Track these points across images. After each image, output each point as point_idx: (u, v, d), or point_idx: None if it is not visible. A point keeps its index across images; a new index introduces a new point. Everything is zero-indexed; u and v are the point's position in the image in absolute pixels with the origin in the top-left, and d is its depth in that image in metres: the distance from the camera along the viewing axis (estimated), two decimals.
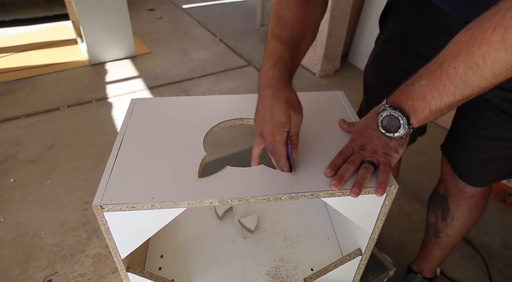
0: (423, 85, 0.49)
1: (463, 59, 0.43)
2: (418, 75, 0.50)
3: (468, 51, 0.43)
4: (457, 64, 0.44)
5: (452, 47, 0.46)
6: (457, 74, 0.44)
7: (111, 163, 0.55)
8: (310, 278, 0.69)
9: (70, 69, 2.27)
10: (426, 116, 0.50)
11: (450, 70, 0.45)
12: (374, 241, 0.63)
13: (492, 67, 0.41)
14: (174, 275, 0.71)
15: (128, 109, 0.69)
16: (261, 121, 0.55)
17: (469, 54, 0.43)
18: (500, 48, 0.40)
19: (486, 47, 0.41)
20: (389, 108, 0.52)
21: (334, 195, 0.52)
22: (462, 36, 0.44)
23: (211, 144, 1.68)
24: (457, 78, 0.45)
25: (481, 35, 0.41)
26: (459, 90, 0.45)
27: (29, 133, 1.71)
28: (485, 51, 0.41)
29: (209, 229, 0.81)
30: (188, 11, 3.35)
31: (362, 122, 0.59)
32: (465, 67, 0.43)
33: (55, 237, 1.22)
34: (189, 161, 0.56)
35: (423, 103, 0.49)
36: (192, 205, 0.50)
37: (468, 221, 0.92)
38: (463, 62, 0.43)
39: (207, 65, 2.40)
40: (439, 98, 0.47)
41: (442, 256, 1.03)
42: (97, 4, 2.13)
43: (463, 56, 0.43)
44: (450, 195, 0.90)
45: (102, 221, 0.50)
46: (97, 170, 1.51)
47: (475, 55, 0.42)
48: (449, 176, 0.88)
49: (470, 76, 0.44)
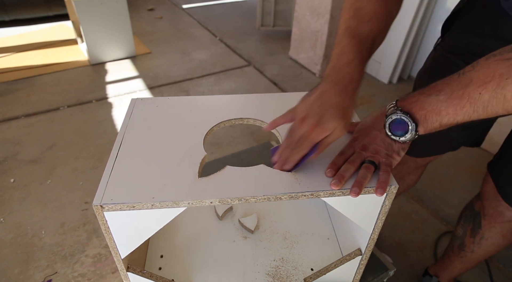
0: (441, 101, 0.48)
1: (492, 89, 0.43)
2: (438, 89, 0.49)
3: (499, 82, 0.42)
4: (484, 92, 0.44)
5: (483, 72, 0.45)
6: (481, 100, 0.44)
7: (111, 163, 0.55)
8: (310, 278, 0.69)
9: (70, 69, 2.27)
10: (435, 128, 0.50)
11: (475, 95, 0.44)
12: (374, 241, 0.63)
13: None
14: (174, 275, 0.71)
15: (128, 109, 0.69)
16: (312, 108, 0.50)
17: (499, 85, 0.42)
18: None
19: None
20: (399, 112, 0.51)
21: (334, 195, 0.52)
22: (498, 64, 0.43)
23: (211, 144, 1.69)
24: (479, 103, 0.44)
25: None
26: (476, 114, 0.45)
27: (29, 133, 1.71)
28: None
29: (209, 229, 0.81)
30: (188, 11, 3.35)
31: (366, 122, 0.59)
32: (491, 96, 0.43)
33: (55, 237, 1.22)
34: (189, 161, 0.56)
35: (436, 117, 0.49)
36: (192, 205, 0.50)
37: (500, 244, 0.88)
38: (491, 91, 0.43)
39: (207, 65, 2.40)
40: (454, 116, 0.47)
41: (462, 269, 1.00)
42: (97, 4, 2.13)
43: (492, 86, 0.43)
44: (485, 215, 0.86)
45: (102, 220, 0.50)
46: (97, 170, 1.51)
47: (506, 88, 0.42)
48: (490, 195, 0.84)
49: (493, 105, 0.43)
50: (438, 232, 1.28)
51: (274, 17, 2.76)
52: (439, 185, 1.48)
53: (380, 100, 2.06)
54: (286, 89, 2.13)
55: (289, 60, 2.48)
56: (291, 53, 2.49)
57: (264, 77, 2.25)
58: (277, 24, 2.82)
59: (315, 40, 2.20)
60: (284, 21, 2.80)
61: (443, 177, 1.52)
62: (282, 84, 2.18)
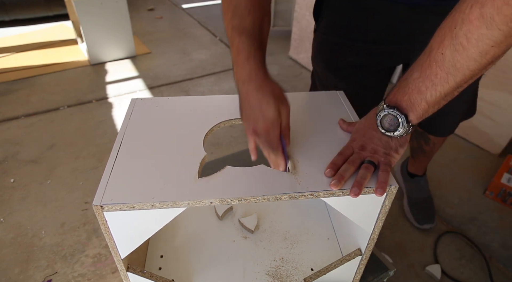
0: (416, 78, 0.49)
1: (448, 43, 0.44)
2: (410, 69, 0.50)
3: (451, 34, 0.43)
4: (444, 50, 0.44)
5: (437, 34, 0.46)
6: (445, 59, 0.45)
7: (111, 163, 0.55)
8: (310, 278, 0.69)
9: (70, 69, 2.27)
10: (424, 110, 0.50)
11: (438, 57, 0.45)
12: (374, 241, 0.63)
13: (477, 46, 0.42)
14: (174, 275, 0.71)
15: (128, 109, 0.69)
16: (251, 118, 0.54)
17: (452, 37, 0.43)
18: (481, 25, 0.40)
19: (467, 27, 0.41)
20: (387, 108, 0.52)
21: (334, 195, 0.52)
22: (445, 22, 0.45)
23: (211, 144, 1.68)
24: (446, 63, 0.45)
25: (461, 16, 0.42)
26: (451, 76, 0.46)
27: (29, 133, 1.71)
28: (467, 31, 0.41)
29: (209, 229, 0.81)
30: (188, 11, 3.35)
31: (362, 123, 0.59)
32: (452, 50, 0.44)
33: (55, 237, 1.22)
34: (189, 161, 0.56)
35: (419, 96, 0.49)
36: (192, 205, 0.50)
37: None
38: (449, 46, 0.44)
39: (207, 65, 2.40)
40: (433, 88, 0.47)
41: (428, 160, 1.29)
42: (97, 4, 2.13)
43: (447, 41, 0.44)
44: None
45: (102, 220, 0.50)
46: (97, 170, 1.51)
47: (458, 37, 0.42)
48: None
49: (458, 59, 0.44)
50: (438, 232, 1.28)
51: (274, 17, 2.76)
52: (439, 185, 1.47)
53: None
54: (286, 89, 2.12)
55: (289, 60, 2.48)
56: (291, 53, 2.49)
57: None
58: (277, 24, 2.82)
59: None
60: (284, 21, 2.80)
61: (443, 177, 1.52)
62: (282, 84, 2.17)
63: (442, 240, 1.26)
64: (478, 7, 0.39)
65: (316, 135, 0.63)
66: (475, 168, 1.57)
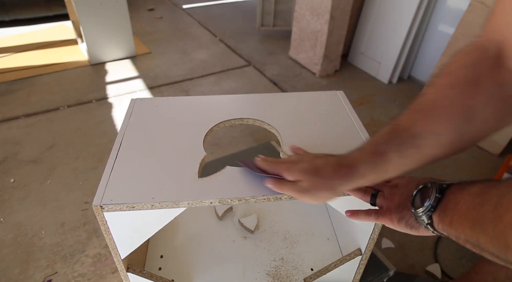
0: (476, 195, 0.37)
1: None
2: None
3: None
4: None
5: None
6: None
7: (111, 163, 0.55)
8: (310, 278, 0.69)
9: (70, 69, 2.27)
10: (447, 223, 0.39)
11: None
12: (374, 241, 0.63)
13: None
14: (174, 275, 0.71)
15: (128, 109, 0.69)
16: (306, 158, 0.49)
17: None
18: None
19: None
20: (433, 185, 0.43)
21: None
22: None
23: (211, 144, 1.68)
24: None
25: None
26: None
27: (29, 133, 1.71)
28: None
29: (209, 229, 0.81)
30: (188, 11, 3.35)
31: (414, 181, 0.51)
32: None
33: (55, 237, 1.22)
34: (189, 161, 0.56)
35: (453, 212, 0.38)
36: (192, 205, 0.50)
37: None
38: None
39: (207, 65, 2.40)
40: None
41: None
42: (97, 4, 2.13)
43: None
44: None
45: (102, 221, 0.50)
46: (97, 170, 1.51)
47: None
48: None
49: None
50: None
51: (274, 17, 2.76)
52: None
53: (380, 100, 2.06)
54: (286, 89, 2.13)
55: (289, 60, 2.48)
56: (291, 53, 2.49)
57: (264, 77, 2.25)
58: (277, 24, 2.82)
59: (315, 40, 2.20)
60: (284, 21, 2.80)
61: (443, 177, 1.51)
62: (282, 84, 2.18)
63: (442, 240, 1.26)
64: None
65: (315, 135, 0.63)
66: (475, 168, 1.57)
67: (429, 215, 0.41)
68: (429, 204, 0.41)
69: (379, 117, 1.90)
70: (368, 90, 2.16)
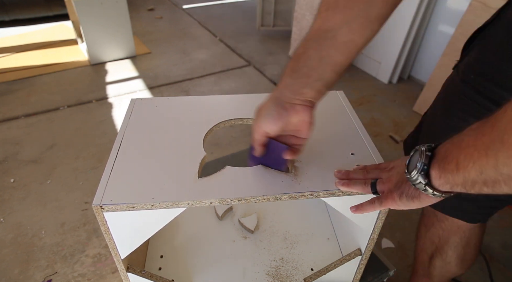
0: (465, 140, 0.38)
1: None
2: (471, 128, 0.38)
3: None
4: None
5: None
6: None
7: (111, 163, 0.55)
8: (310, 278, 0.69)
9: (70, 69, 2.27)
10: (451, 170, 0.39)
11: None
12: (374, 241, 0.63)
13: None
14: (174, 275, 0.71)
15: (128, 110, 0.69)
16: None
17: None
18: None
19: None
20: (424, 147, 0.43)
21: (334, 195, 0.52)
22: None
23: (211, 144, 1.68)
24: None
25: None
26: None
27: (29, 133, 1.71)
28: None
29: (209, 229, 0.81)
30: (188, 11, 3.35)
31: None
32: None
33: (55, 237, 1.22)
34: (189, 161, 0.56)
35: (457, 153, 0.38)
36: (192, 205, 0.50)
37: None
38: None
39: (207, 65, 2.40)
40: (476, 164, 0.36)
41: None
42: (97, 4, 2.13)
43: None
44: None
45: (102, 221, 0.50)
46: (97, 170, 1.51)
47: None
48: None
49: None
50: None
51: (274, 17, 2.76)
52: None
53: (380, 100, 2.06)
54: None
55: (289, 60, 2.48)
56: (291, 53, 2.49)
57: (264, 77, 2.25)
58: (277, 24, 2.82)
59: None
60: (284, 21, 2.80)
61: None
62: None
63: None
64: None
65: (315, 135, 0.63)
66: None
67: (424, 174, 0.41)
68: (422, 162, 0.42)
69: (379, 117, 1.90)
70: (368, 90, 2.16)
